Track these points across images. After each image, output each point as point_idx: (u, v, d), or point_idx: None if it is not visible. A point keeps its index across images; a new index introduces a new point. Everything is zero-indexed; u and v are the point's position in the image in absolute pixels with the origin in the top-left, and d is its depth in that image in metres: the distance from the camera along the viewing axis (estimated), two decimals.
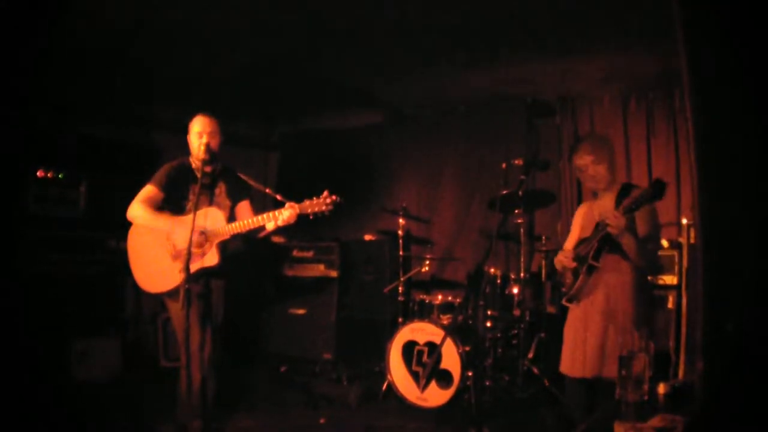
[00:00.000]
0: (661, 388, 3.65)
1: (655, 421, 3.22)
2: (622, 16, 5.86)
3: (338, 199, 5.08)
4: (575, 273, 4.98)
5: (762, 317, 2.59)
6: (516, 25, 6.24)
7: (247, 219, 5.18)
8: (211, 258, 5.14)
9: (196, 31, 6.37)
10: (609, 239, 4.73)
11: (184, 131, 5.48)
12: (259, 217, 5.12)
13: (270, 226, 5.16)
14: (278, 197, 5.23)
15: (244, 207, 5.54)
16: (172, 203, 5.36)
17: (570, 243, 5.28)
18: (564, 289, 5.12)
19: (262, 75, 7.85)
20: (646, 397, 3.79)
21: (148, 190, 5.32)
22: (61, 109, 7.87)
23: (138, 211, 5.25)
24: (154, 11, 5.84)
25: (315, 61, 7.37)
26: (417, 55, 7.19)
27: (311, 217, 5.09)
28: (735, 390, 2.53)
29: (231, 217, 5.36)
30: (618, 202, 4.80)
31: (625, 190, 4.94)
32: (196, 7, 5.79)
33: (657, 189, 4.31)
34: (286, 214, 5.05)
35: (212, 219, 5.19)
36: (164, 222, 5.21)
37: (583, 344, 4.88)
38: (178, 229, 5.13)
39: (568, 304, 5.09)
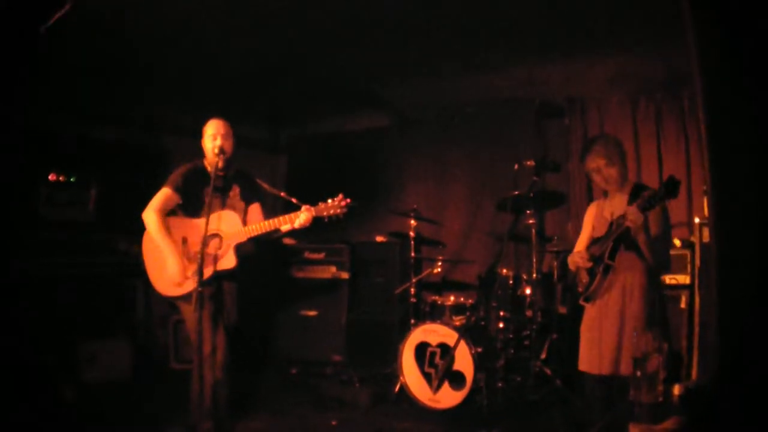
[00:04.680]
0: (676, 390, 3.65)
1: (670, 423, 3.21)
2: (629, 17, 5.86)
3: (352, 202, 5.14)
4: (591, 273, 5.07)
5: None
6: (523, 26, 6.24)
7: (258, 221, 5.21)
8: (229, 261, 5.18)
9: (203, 34, 6.38)
10: (624, 238, 4.83)
11: (193, 134, 5.51)
12: (276, 220, 5.16)
13: (286, 228, 5.19)
14: (293, 200, 5.27)
15: (254, 210, 5.58)
16: (187, 206, 5.40)
17: (582, 243, 5.37)
18: (580, 289, 5.20)
19: (270, 78, 7.86)
20: (660, 399, 3.78)
21: (164, 193, 5.34)
22: (70, 112, 7.88)
23: (151, 220, 5.26)
24: (161, 15, 5.86)
25: (322, 63, 7.38)
26: (424, 57, 7.20)
27: (326, 220, 5.15)
28: (746, 389, 2.52)
29: (244, 220, 5.39)
30: (631, 202, 4.88)
31: (636, 190, 5.02)
32: (204, 11, 5.80)
33: (671, 186, 4.39)
34: (303, 218, 5.12)
35: (228, 222, 5.22)
36: (168, 244, 5.22)
37: (599, 342, 4.97)
38: (190, 237, 5.15)
39: (584, 304, 5.16)
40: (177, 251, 5.20)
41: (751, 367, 2.57)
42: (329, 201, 5.15)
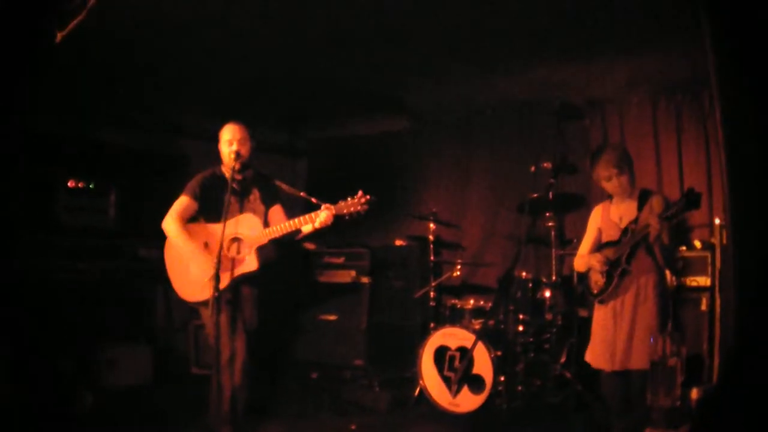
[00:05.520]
0: (694, 393, 3.62)
1: (686, 428, 3.18)
2: (648, 18, 5.83)
3: (372, 198, 5.08)
4: (608, 276, 5.19)
5: None
6: (542, 28, 6.21)
7: (281, 223, 5.19)
8: (250, 264, 5.17)
9: (222, 38, 6.40)
10: (641, 244, 5.04)
11: (212, 139, 5.51)
12: (297, 220, 5.13)
13: (307, 228, 5.17)
14: (313, 200, 5.23)
15: (276, 211, 5.55)
16: (206, 212, 5.40)
17: (587, 245, 5.59)
18: (595, 291, 5.36)
19: (289, 82, 7.86)
20: (678, 403, 3.76)
21: (182, 202, 5.37)
22: (89, 119, 7.93)
23: (171, 227, 5.30)
24: (179, 20, 5.88)
25: (341, 67, 7.38)
26: (443, 60, 7.18)
27: (347, 218, 5.08)
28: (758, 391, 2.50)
29: (265, 223, 5.38)
30: (639, 207, 5.18)
31: (644, 196, 5.28)
32: (223, 15, 5.82)
33: (692, 199, 4.57)
34: (323, 216, 5.06)
35: (248, 225, 5.22)
36: (191, 247, 5.24)
37: (612, 341, 5.14)
38: (211, 242, 5.15)
39: (597, 304, 5.36)
40: (201, 252, 5.22)
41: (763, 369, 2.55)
42: (349, 199, 5.09)
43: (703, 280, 6.38)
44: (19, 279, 5.21)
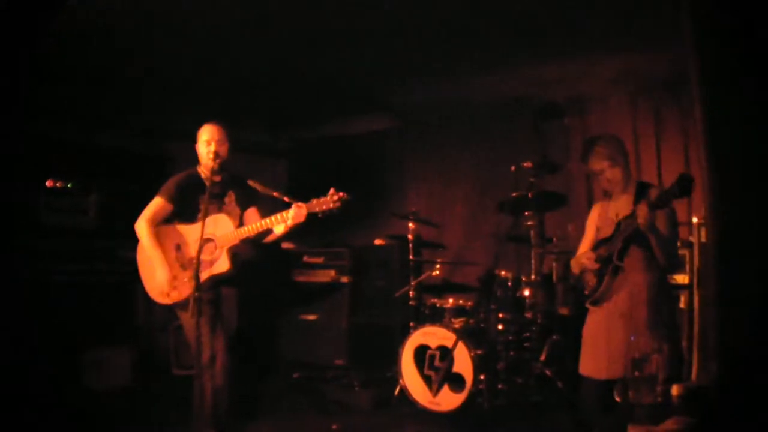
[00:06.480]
0: (675, 390, 3.63)
1: (669, 424, 3.20)
2: (630, 16, 5.85)
3: (345, 195, 4.99)
4: (599, 275, 4.93)
5: None
6: (524, 26, 6.24)
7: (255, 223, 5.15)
8: (222, 265, 5.12)
9: (204, 39, 6.38)
10: (634, 237, 4.70)
11: (195, 140, 5.47)
12: (268, 220, 5.08)
13: (280, 229, 5.12)
14: (286, 198, 5.16)
15: (252, 213, 5.52)
16: (182, 214, 5.36)
17: (585, 245, 5.26)
18: (587, 292, 5.04)
19: (271, 82, 7.85)
20: (659, 399, 3.75)
21: (156, 203, 5.33)
22: (71, 118, 7.88)
23: (142, 231, 5.27)
24: (160, 20, 5.86)
25: (323, 66, 7.38)
26: (425, 59, 7.20)
27: (320, 216, 5.00)
28: (748, 390, 2.51)
29: (240, 225, 5.33)
30: (637, 201, 4.77)
31: (641, 189, 4.93)
32: (205, 15, 5.80)
33: (684, 184, 4.23)
34: (292, 214, 4.99)
35: (221, 225, 5.18)
36: (157, 254, 5.22)
37: (606, 347, 4.81)
38: (185, 244, 5.13)
39: (591, 307, 5.03)
40: (165, 260, 5.19)
41: (752, 366, 2.56)
42: (321, 197, 5.01)
43: (682, 278, 6.40)
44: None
